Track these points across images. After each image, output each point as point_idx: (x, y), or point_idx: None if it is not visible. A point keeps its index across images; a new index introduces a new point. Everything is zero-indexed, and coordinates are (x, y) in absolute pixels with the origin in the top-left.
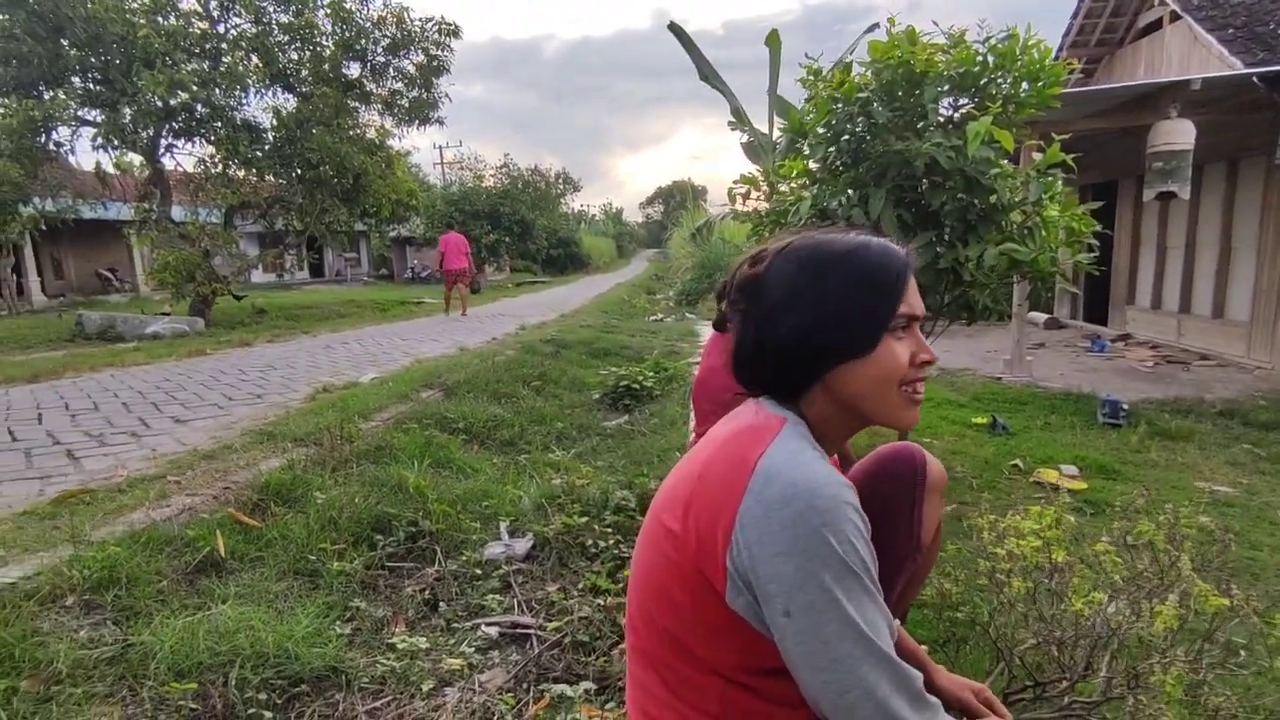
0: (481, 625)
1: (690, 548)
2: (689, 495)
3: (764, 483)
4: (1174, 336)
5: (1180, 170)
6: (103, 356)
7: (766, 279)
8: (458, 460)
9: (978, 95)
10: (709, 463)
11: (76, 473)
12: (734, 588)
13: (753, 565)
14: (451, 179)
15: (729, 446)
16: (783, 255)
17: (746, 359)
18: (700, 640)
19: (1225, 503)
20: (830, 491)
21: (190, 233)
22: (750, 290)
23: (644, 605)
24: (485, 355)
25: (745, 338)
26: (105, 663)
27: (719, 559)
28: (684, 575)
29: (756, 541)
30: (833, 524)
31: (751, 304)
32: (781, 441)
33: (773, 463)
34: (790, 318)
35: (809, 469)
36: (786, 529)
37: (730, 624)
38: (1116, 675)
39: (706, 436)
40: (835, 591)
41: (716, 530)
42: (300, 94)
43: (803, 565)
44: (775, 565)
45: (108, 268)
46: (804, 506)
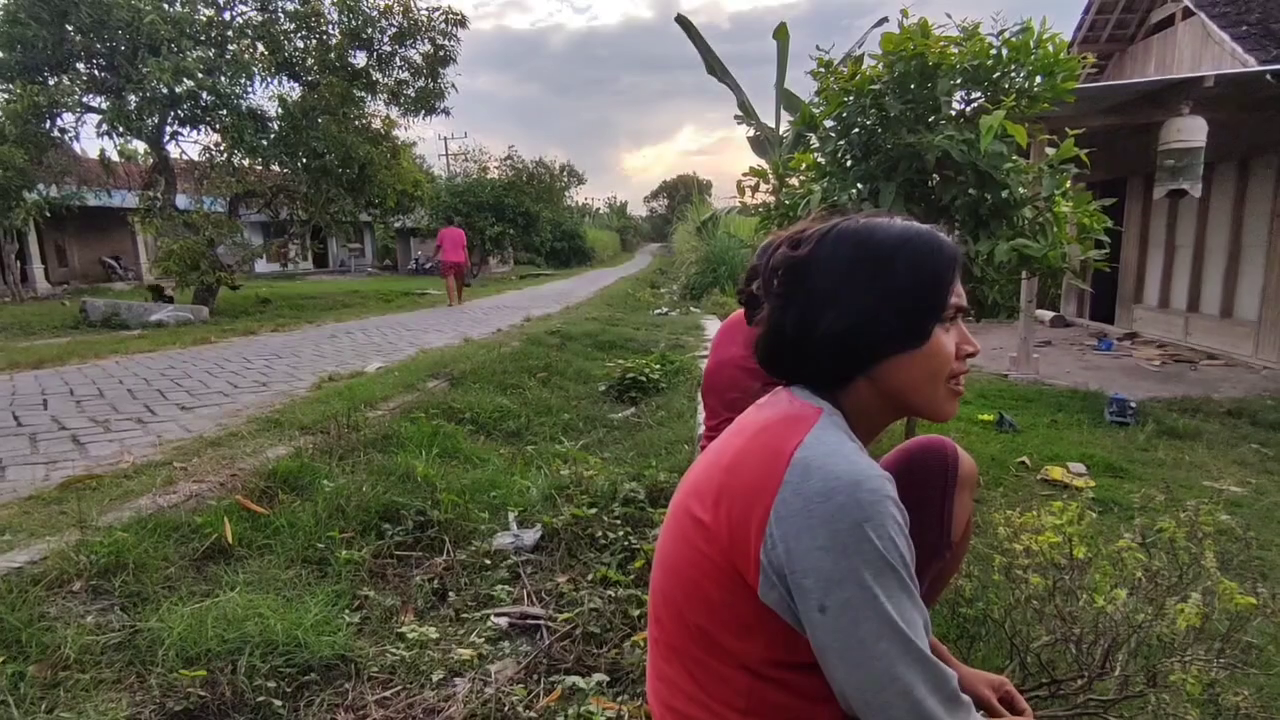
0: (491, 616)
1: (722, 540)
2: (720, 486)
3: (802, 475)
4: (1181, 335)
5: (1191, 168)
6: (107, 344)
7: (813, 263)
8: (465, 450)
9: (991, 89)
10: (742, 453)
11: (82, 458)
12: (767, 582)
13: (788, 559)
14: (456, 170)
15: (763, 436)
16: (832, 239)
17: (785, 347)
18: (730, 634)
19: (1234, 502)
20: (873, 485)
21: (195, 221)
22: (793, 274)
23: (671, 598)
24: (491, 346)
25: (783, 324)
26: (113, 649)
27: (752, 552)
28: (715, 568)
29: (794, 535)
30: (875, 518)
31: (795, 288)
32: (819, 432)
33: (811, 454)
34: (843, 305)
35: (850, 461)
36: (826, 523)
37: (762, 618)
38: (1134, 673)
39: (737, 425)
40: (874, 589)
41: (750, 523)
42: (306, 83)
43: (841, 561)
44: (813, 559)
45: (112, 256)
46: (846, 500)
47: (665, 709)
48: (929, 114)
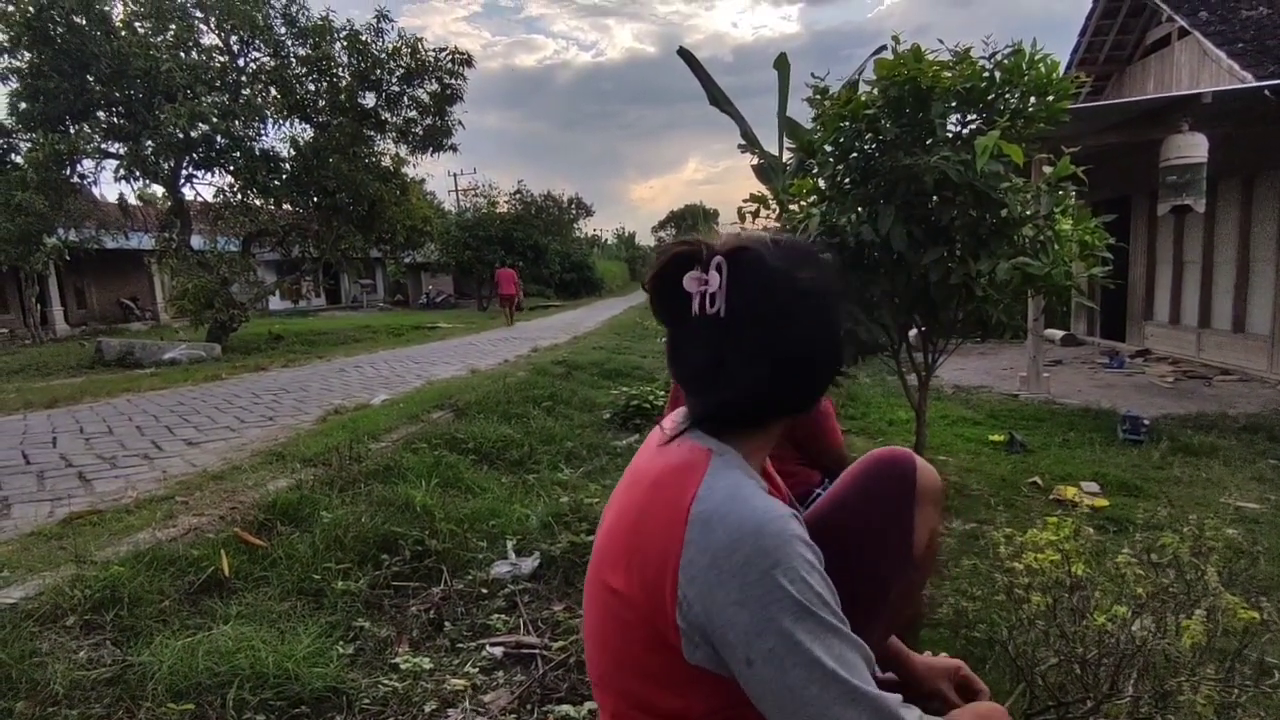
0: (486, 645)
1: (640, 607)
2: (627, 550)
3: (703, 531)
4: (1194, 351)
5: (1194, 184)
6: (120, 382)
7: (765, 286)
8: (466, 479)
9: (985, 110)
10: (642, 512)
11: (87, 494)
12: (690, 643)
13: (707, 618)
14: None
15: (659, 491)
16: (784, 271)
17: (713, 378)
18: (666, 694)
19: (1251, 519)
20: (775, 529)
21: (209, 261)
22: (746, 293)
23: (603, 668)
24: (496, 377)
25: (714, 349)
26: (103, 683)
27: (670, 617)
28: (639, 634)
29: (707, 594)
30: (784, 563)
31: (743, 306)
32: (712, 479)
33: (708, 506)
34: (784, 348)
35: (749, 506)
36: (735, 576)
37: (694, 676)
38: (1144, 695)
39: (631, 475)
40: (795, 635)
41: (663, 587)
42: (317, 124)
43: (758, 612)
44: (729, 615)
45: (129, 296)
46: (751, 550)
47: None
48: (925, 137)
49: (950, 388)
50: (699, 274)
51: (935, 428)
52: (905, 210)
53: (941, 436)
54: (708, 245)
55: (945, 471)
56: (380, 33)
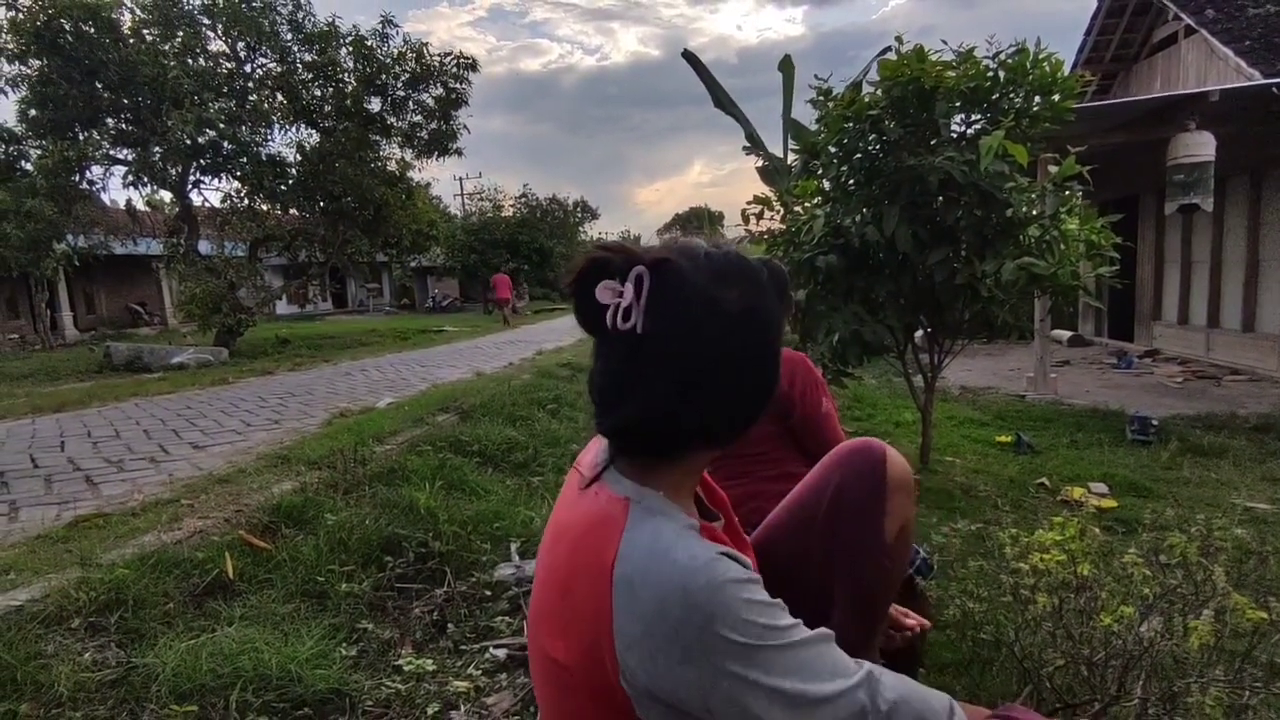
0: (489, 647)
1: (583, 674)
2: (561, 615)
3: (628, 596)
4: (1203, 351)
5: (1202, 182)
6: (128, 386)
7: (682, 303)
8: (471, 482)
9: (990, 110)
10: (569, 574)
11: (94, 498)
12: (641, 704)
13: (653, 683)
14: (471, 209)
15: (581, 553)
16: (706, 288)
17: (617, 396)
18: None
19: (1261, 519)
20: (700, 581)
21: (216, 266)
22: (663, 310)
23: None
24: (501, 380)
25: (631, 374)
26: (107, 685)
27: (613, 681)
28: (588, 699)
29: (648, 660)
30: (719, 614)
31: (664, 329)
32: (631, 533)
33: (630, 567)
34: (696, 373)
35: (669, 561)
36: (672, 640)
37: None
38: (1152, 697)
39: (556, 529)
40: (749, 675)
41: (601, 654)
42: (323, 129)
43: (705, 667)
44: (676, 676)
45: (138, 302)
46: (681, 612)
47: None
48: (929, 137)
49: (957, 389)
50: (614, 285)
51: (942, 429)
52: (910, 211)
53: (948, 438)
54: (629, 254)
55: (952, 473)
56: (385, 38)
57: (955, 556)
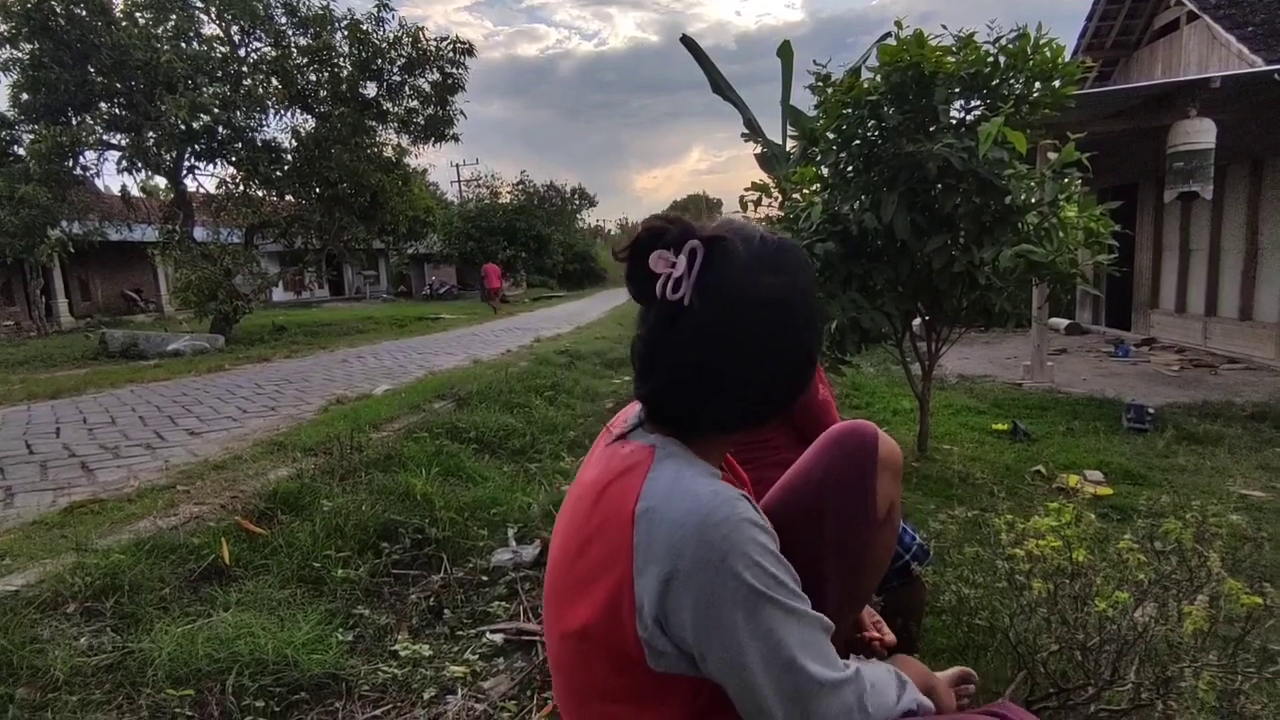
0: (486, 632)
1: (599, 631)
2: (583, 580)
3: (648, 532)
4: (1200, 340)
5: (1202, 170)
6: (123, 373)
7: (727, 282)
8: (468, 468)
9: (989, 96)
10: (593, 530)
11: (89, 484)
12: (653, 651)
13: (665, 620)
14: (468, 196)
15: (605, 503)
16: (750, 271)
17: (653, 365)
18: (641, 711)
19: (1256, 507)
20: (721, 515)
21: (212, 252)
22: (709, 286)
23: (569, 699)
24: (499, 367)
25: (684, 345)
26: (103, 670)
27: (630, 629)
28: (602, 659)
29: (660, 594)
30: (734, 551)
31: (711, 306)
32: (655, 474)
33: (651, 503)
34: (724, 356)
35: (692, 495)
36: (685, 572)
37: (662, 687)
38: (1145, 681)
39: (579, 490)
40: (750, 624)
41: (619, 602)
42: (319, 114)
43: (715, 608)
44: (684, 613)
45: (133, 288)
46: (697, 544)
47: None
48: (928, 123)
49: (954, 377)
50: (668, 255)
51: (939, 417)
52: (908, 197)
53: (945, 425)
54: (686, 227)
55: (949, 461)
56: (381, 22)
57: (952, 543)
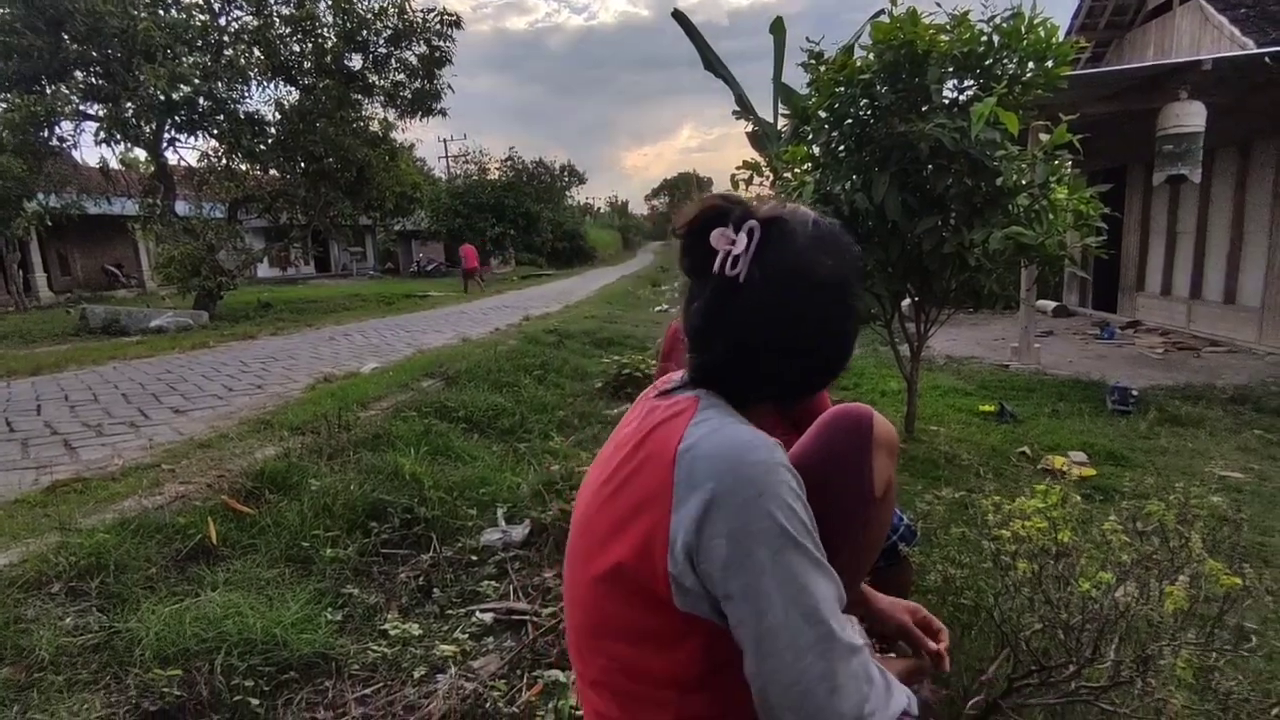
0: (476, 612)
1: (634, 569)
2: (620, 519)
3: (689, 470)
4: (1184, 323)
5: (1191, 153)
6: (105, 350)
7: (786, 264)
8: (457, 448)
9: (982, 76)
10: (632, 472)
11: (72, 462)
12: (679, 589)
13: (695, 555)
14: (456, 172)
15: (646, 448)
16: (810, 254)
17: (709, 339)
18: (657, 657)
19: (1235, 488)
20: (759, 456)
21: (194, 227)
22: (767, 266)
23: (587, 636)
24: (487, 345)
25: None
26: (89, 650)
27: (659, 566)
28: (629, 597)
29: (695, 530)
30: (769, 491)
31: (775, 280)
32: (699, 417)
33: (693, 442)
34: (782, 333)
35: (733, 437)
36: (722, 508)
37: (686, 629)
38: (1125, 659)
39: (617, 441)
40: (780, 567)
41: (654, 539)
42: (302, 86)
43: (744, 543)
44: (716, 547)
45: (114, 264)
46: (734, 480)
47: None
48: (921, 103)
49: (942, 358)
50: (728, 233)
51: (927, 398)
52: (900, 178)
53: (933, 407)
54: (745, 207)
55: (936, 442)
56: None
57: (938, 524)
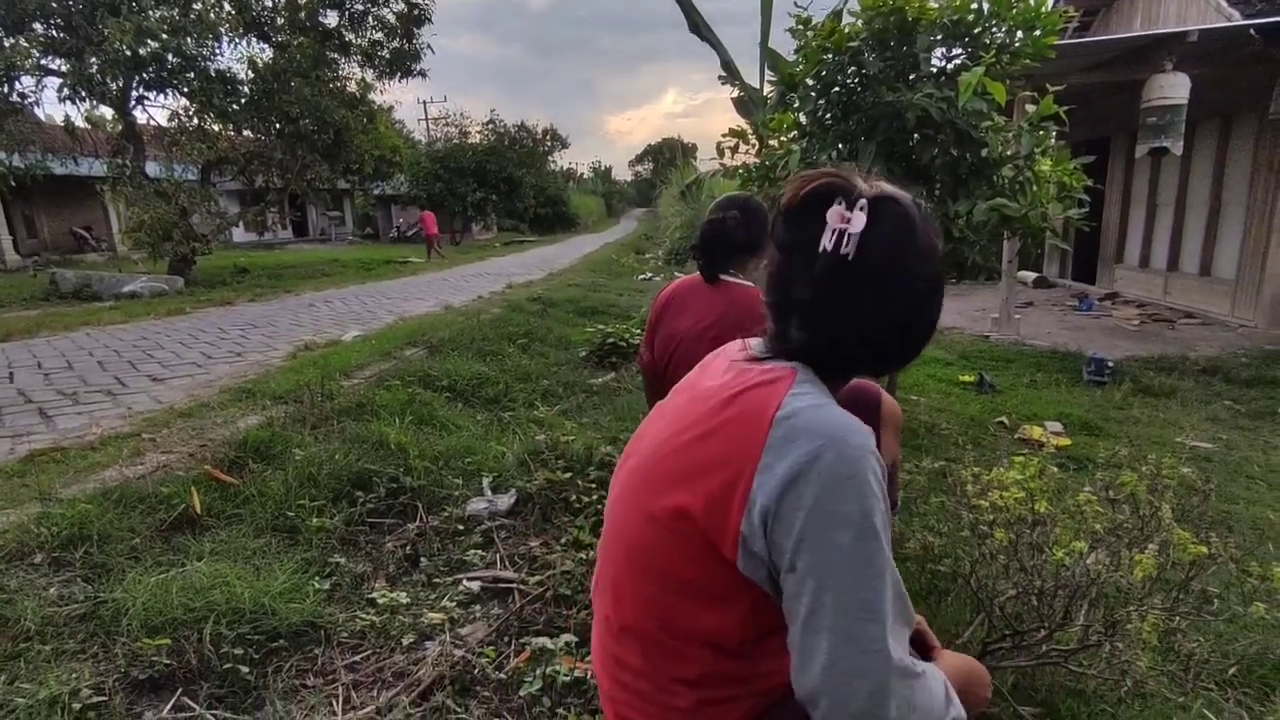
0: (463, 580)
1: (697, 519)
2: (696, 467)
3: (785, 436)
4: (1161, 295)
5: (1174, 126)
6: (78, 315)
7: (904, 243)
8: (441, 417)
9: (971, 45)
10: (715, 428)
11: (49, 431)
12: (746, 552)
13: (773, 520)
14: (436, 135)
15: (737, 406)
16: (924, 233)
17: (820, 317)
18: (705, 612)
19: (1204, 457)
20: (858, 440)
21: (166, 190)
22: (882, 244)
23: (634, 581)
24: (471, 313)
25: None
26: (76, 620)
27: (732, 524)
28: (690, 548)
29: (779, 497)
30: (860, 474)
31: (880, 261)
32: (799, 389)
33: (792, 411)
34: (899, 309)
35: (834, 415)
36: (813, 482)
37: (740, 590)
38: (1094, 624)
39: (694, 392)
40: (854, 554)
41: (732, 495)
42: (276, 44)
43: (821, 522)
44: (792, 520)
45: (83, 226)
46: (833, 459)
47: (614, 683)
48: (908, 72)
49: None
50: (844, 210)
51: (907, 369)
52: (886, 148)
53: (913, 377)
54: (854, 184)
55: (916, 411)
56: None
57: (918, 493)
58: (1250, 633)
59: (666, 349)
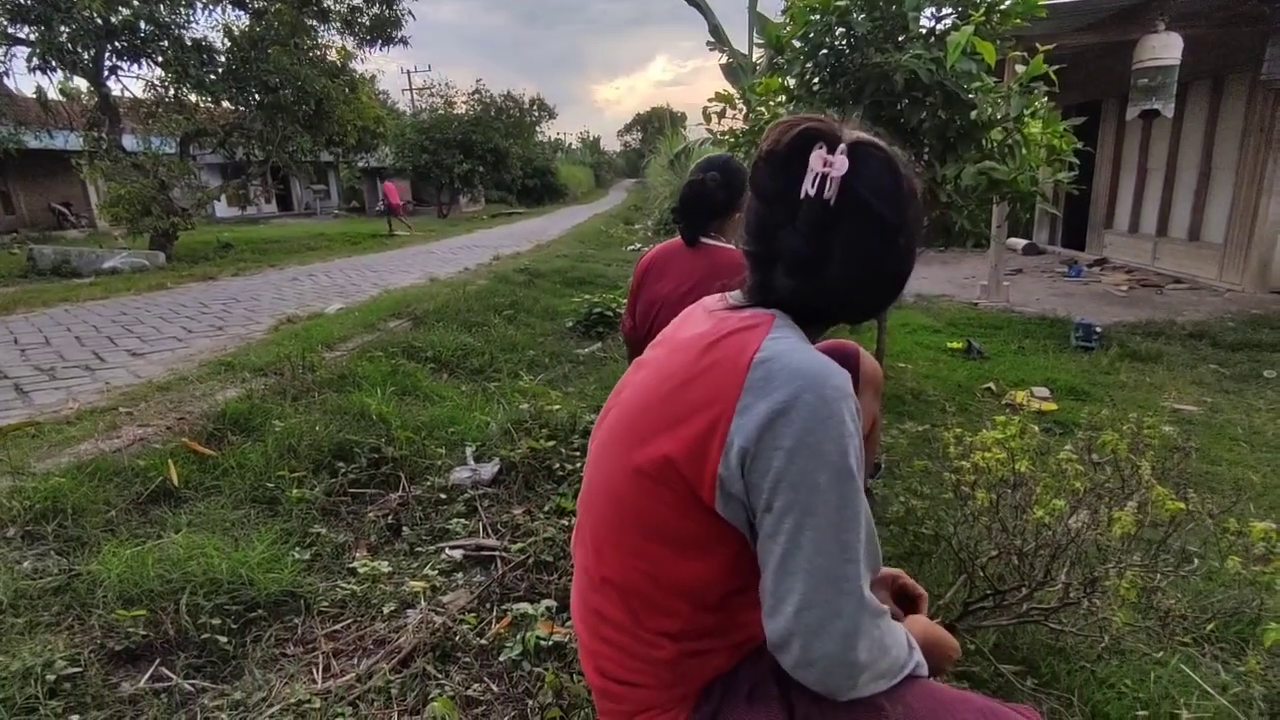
0: (445, 549)
1: (678, 465)
2: (676, 413)
3: (764, 377)
4: (1149, 260)
5: (1165, 87)
6: (56, 292)
7: (888, 186)
8: (424, 388)
9: (960, 4)
10: (695, 374)
11: (25, 406)
12: (723, 494)
13: (745, 461)
14: (421, 106)
15: (715, 352)
16: (906, 177)
17: (802, 265)
18: (686, 560)
19: (1188, 420)
20: (836, 382)
21: (144, 163)
22: (865, 188)
23: (615, 531)
24: (456, 285)
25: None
26: (50, 592)
27: (710, 466)
28: (670, 495)
29: (756, 437)
30: (837, 416)
31: (857, 208)
32: (777, 333)
33: (770, 355)
34: (883, 255)
35: (811, 357)
36: (791, 422)
37: (719, 535)
38: (1074, 582)
39: (674, 343)
40: (831, 494)
41: (711, 438)
42: (253, 10)
43: (801, 461)
44: (770, 459)
45: (61, 202)
46: (813, 399)
47: (594, 636)
48: (897, 32)
49: (911, 296)
50: (826, 154)
51: (895, 335)
52: (874, 111)
53: (902, 344)
54: (835, 129)
55: (904, 378)
56: None
57: (902, 457)
58: (1227, 588)
59: (648, 314)
